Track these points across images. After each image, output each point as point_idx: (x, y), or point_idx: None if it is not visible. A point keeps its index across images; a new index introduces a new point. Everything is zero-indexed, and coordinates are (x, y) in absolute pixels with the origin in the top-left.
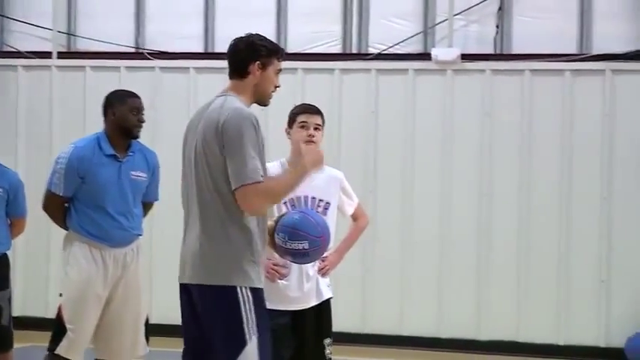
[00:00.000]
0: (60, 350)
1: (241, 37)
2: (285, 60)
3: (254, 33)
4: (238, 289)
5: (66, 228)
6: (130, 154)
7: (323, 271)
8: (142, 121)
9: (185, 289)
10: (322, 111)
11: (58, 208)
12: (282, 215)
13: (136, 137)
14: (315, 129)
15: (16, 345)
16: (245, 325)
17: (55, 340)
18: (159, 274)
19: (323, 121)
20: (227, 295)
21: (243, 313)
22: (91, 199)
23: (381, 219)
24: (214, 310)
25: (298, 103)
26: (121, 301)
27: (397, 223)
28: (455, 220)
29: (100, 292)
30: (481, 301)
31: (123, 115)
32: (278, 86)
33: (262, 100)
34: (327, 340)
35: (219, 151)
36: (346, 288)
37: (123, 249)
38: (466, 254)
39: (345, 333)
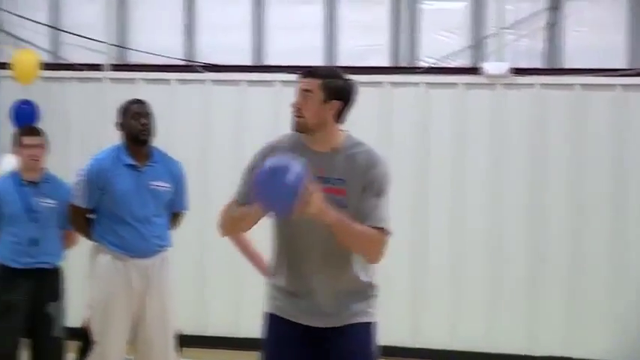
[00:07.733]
0: None
1: None
2: None
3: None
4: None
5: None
6: (151, 164)
7: None
8: (146, 125)
9: None
10: (371, 123)
11: (81, 220)
12: None
13: (144, 142)
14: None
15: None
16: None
17: (83, 352)
18: (211, 287)
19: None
20: None
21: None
22: (111, 209)
23: (431, 232)
24: None
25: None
26: (148, 316)
27: (447, 236)
28: (505, 233)
29: (124, 303)
30: (531, 315)
31: (126, 123)
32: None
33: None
34: None
35: None
36: (396, 300)
37: (145, 260)
38: (517, 267)
39: (395, 347)
